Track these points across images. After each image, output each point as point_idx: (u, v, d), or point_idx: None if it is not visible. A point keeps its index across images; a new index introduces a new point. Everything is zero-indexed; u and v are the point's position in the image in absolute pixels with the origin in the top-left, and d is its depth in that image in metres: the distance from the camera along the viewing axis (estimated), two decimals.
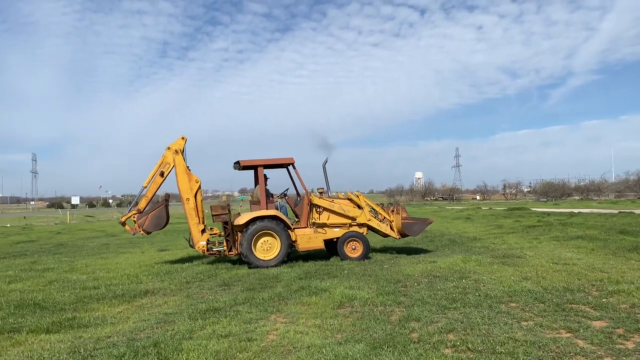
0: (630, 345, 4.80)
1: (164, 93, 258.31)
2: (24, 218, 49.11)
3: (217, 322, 6.05)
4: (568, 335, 5.14)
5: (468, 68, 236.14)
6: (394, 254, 12.16)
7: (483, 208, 45.58)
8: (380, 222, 12.05)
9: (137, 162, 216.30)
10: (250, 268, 10.46)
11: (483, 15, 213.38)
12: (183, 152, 11.48)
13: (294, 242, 11.07)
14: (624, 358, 4.48)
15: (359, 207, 11.77)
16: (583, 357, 4.52)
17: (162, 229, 12.03)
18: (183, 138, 11.58)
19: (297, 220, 11.68)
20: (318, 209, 11.47)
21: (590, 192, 78.79)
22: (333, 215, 11.53)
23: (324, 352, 4.78)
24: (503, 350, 4.69)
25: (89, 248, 16.92)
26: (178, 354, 4.84)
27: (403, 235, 12.20)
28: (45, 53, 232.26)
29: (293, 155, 11.40)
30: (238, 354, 4.85)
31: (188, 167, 11.43)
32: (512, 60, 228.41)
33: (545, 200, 71.98)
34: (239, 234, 10.93)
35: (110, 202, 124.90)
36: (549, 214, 28.54)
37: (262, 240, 10.80)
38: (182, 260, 12.15)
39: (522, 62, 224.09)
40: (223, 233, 11.28)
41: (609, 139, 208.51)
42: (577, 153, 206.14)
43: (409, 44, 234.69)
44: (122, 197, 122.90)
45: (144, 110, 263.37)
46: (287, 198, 12.27)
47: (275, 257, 10.72)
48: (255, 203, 11.35)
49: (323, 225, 11.43)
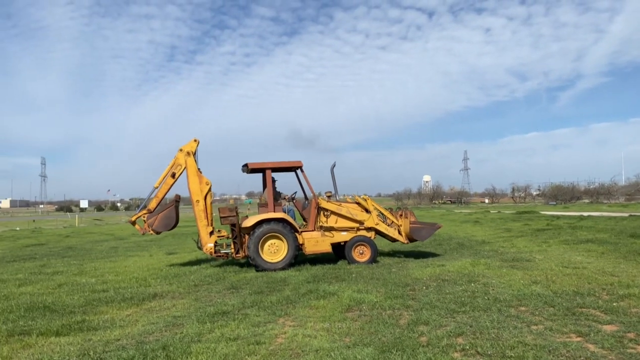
0: None
1: (172, 97, 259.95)
2: (34, 221, 49.53)
3: (225, 325, 6.06)
4: (578, 340, 5.11)
5: (476, 70, 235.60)
6: (402, 258, 12.13)
7: (492, 211, 45.35)
8: (389, 226, 12.01)
9: (145, 165, 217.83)
10: (258, 271, 10.48)
11: (491, 18, 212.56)
12: (195, 154, 11.56)
13: (302, 245, 11.08)
14: None
15: (367, 210, 11.74)
16: None
17: (171, 230, 12.09)
18: (195, 140, 11.66)
19: (304, 224, 11.69)
20: (326, 213, 11.47)
21: (600, 195, 78.13)
22: (341, 219, 11.52)
23: (333, 355, 4.78)
24: (513, 355, 4.66)
25: (98, 251, 17.01)
26: (187, 357, 4.86)
27: (411, 240, 12.15)
28: (55, 57, 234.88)
29: (301, 159, 11.45)
30: (247, 357, 4.86)
31: (199, 169, 11.50)
32: (520, 63, 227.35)
33: (555, 204, 71.51)
34: (247, 237, 10.96)
35: (119, 205, 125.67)
36: (559, 218, 28.35)
37: (269, 243, 10.82)
38: (190, 264, 12.19)
39: (530, 64, 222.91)
40: (231, 235, 11.32)
41: (619, 142, 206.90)
42: (586, 156, 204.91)
43: (417, 47, 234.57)
44: (130, 200, 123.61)
45: (152, 114, 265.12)
46: (295, 201, 12.28)
47: (283, 259, 10.73)
48: (263, 206, 11.38)
49: (331, 229, 11.42)
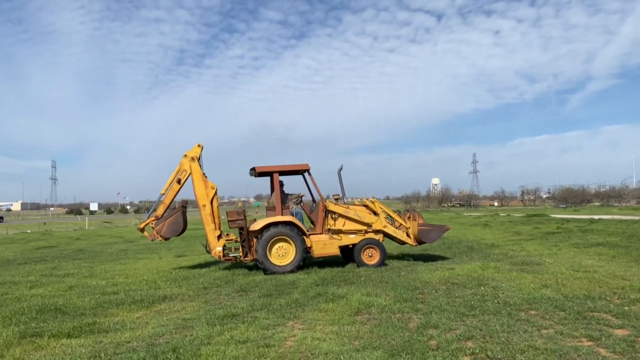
0: None
1: (181, 100, 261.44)
2: (44, 224, 50.01)
3: (235, 327, 6.08)
4: (589, 344, 5.07)
5: (485, 73, 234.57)
6: (411, 261, 12.09)
7: (501, 214, 45.12)
8: (397, 228, 11.99)
9: (154, 168, 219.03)
10: (266, 274, 10.50)
11: (500, 20, 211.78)
12: (199, 159, 11.60)
13: (309, 248, 11.08)
14: None
15: (375, 213, 11.73)
16: None
17: (179, 235, 12.15)
18: (199, 145, 11.71)
19: (312, 227, 11.70)
20: (333, 215, 11.47)
21: (611, 198, 77.45)
22: (348, 222, 11.52)
23: (342, 358, 4.79)
24: (523, 359, 4.63)
25: (108, 254, 17.14)
26: (197, 359, 4.88)
27: (419, 243, 12.13)
28: (65, 62, 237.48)
29: (309, 162, 11.47)
30: None
31: (204, 174, 11.55)
32: (530, 65, 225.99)
33: (565, 207, 70.98)
34: (255, 240, 10.98)
35: (128, 208, 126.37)
36: (569, 221, 28.14)
37: (277, 246, 10.83)
38: (199, 266, 12.24)
39: (540, 66, 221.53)
40: (239, 239, 11.36)
41: (630, 144, 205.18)
42: (596, 158, 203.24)
43: (425, 50, 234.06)
44: (139, 203, 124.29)
45: (162, 118, 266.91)
46: (302, 204, 12.29)
47: (291, 262, 10.73)
48: (271, 209, 11.41)
49: (338, 232, 11.42)
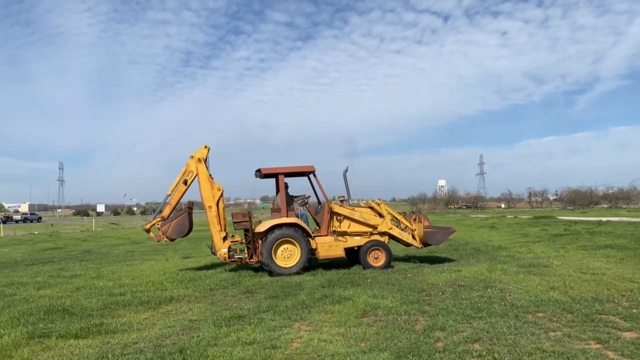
0: None
1: (188, 102, 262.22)
2: (51, 225, 50.29)
3: (241, 329, 6.10)
4: (597, 347, 5.03)
5: (492, 74, 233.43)
6: (417, 263, 12.07)
7: (508, 216, 44.91)
8: (402, 230, 11.97)
9: (161, 170, 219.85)
10: (272, 276, 10.50)
11: (508, 21, 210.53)
12: (206, 160, 11.63)
13: (315, 250, 11.08)
14: None
15: (380, 215, 11.72)
16: None
17: (185, 236, 12.18)
18: (206, 147, 11.74)
19: (317, 229, 11.69)
20: (339, 217, 11.46)
21: (619, 200, 76.94)
22: (354, 224, 11.50)
23: None
24: None
25: (115, 255, 17.21)
26: None
27: (425, 245, 12.09)
28: (72, 63, 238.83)
29: (314, 163, 11.48)
30: None
31: (210, 175, 11.58)
32: (537, 66, 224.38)
33: (572, 209, 70.56)
34: (260, 242, 10.99)
35: (135, 209, 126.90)
36: (576, 223, 27.98)
37: (282, 248, 10.84)
38: (205, 268, 12.27)
39: (547, 67, 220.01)
40: (244, 240, 11.37)
41: (638, 146, 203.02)
42: (604, 160, 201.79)
43: (432, 51, 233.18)
44: (146, 204, 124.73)
45: (168, 119, 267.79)
46: (308, 206, 12.29)
47: (296, 264, 10.73)
48: (276, 211, 11.41)
49: (344, 234, 11.41)
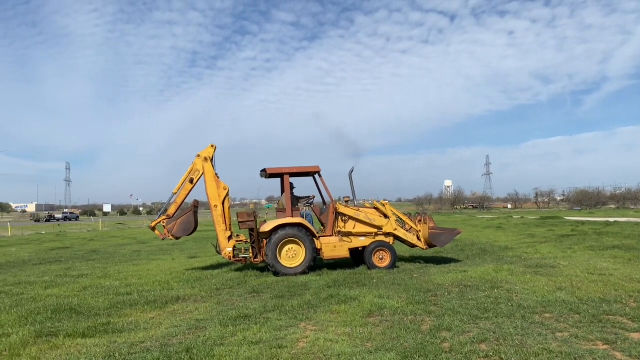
0: None
1: (194, 102, 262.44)
2: (58, 225, 50.60)
3: (247, 329, 6.11)
4: (605, 347, 5.00)
5: (499, 74, 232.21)
6: (423, 264, 12.04)
7: (515, 217, 44.73)
8: (407, 231, 11.94)
9: (167, 170, 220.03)
10: (277, 276, 10.51)
11: (515, 21, 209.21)
12: (212, 159, 11.64)
13: (319, 250, 11.08)
14: None
15: (385, 216, 11.69)
16: None
17: (190, 235, 12.22)
18: (212, 146, 11.76)
19: (322, 229, 11.69)
20: (344, 218, 11.45)
21: (627, 200, 76.47)
22: (359, 224, 11.48)
23: None
24: None
25: (121, 255, 17.29)
26: None
27: (430, 246, 12.06)
28: (79, 64, 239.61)
29: (320, 164, 11.46)
30: None
31: (217, 174, 11.60)
32: (544, 66, 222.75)
33: (580, 209, 70.18)
34: (265, 241, 11.01)
35: (141, 210, 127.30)
36: (584, 223, 27.83)
37: (287, 248, 10.84)
38: (211, 267, 12.30)
39: (554, 67, 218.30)
40: (249, 240, 11.39)
41: None
42: (612, 160, 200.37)
43: (438, 50, 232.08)
44: (152, 204, 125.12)
45: (174, 119, 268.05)
46: (313, 206, 12.29)
47: (301, 264, 10.74)
48: (281, 211, 11.42)
49: (349, 234, 11.39)
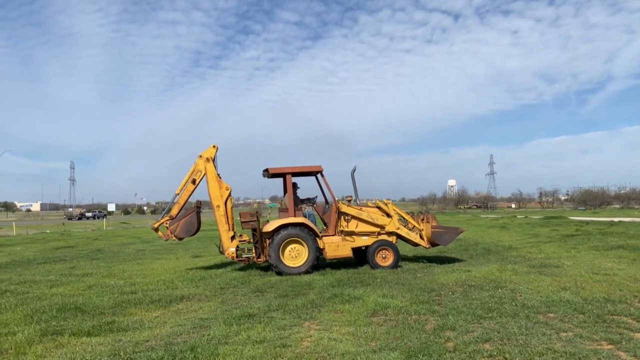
0: None
1: (197, 102, 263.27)
2: (63, 224, 50.82)
3: (251, 327, 6.13)
4: (610, 347, 4.99)
5: (503, 73, 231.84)
6: (427, 263, 12.03)
7: (519, 216, 44.63)
8: (410, 230, 11.94)
9: (171, 170, 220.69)
10: (281, 275, 10.52)
11: (519, 20, 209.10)
12: (214, 160, 11.65)
13: (322, 249, 11.09)
14: None
15: (388, 215, 11.69)
16: None
17: (193, 235, 12.24)
18: (214, 146, 11.77)
19: (325, 228, 11.70)
20: (346, 217, 11.45)
21: (632, 200, 76.27)
22: (361, 224, 11.48)
23: (359, 359, 4.79)
24: None
25: (125, 254, 17.33)
26: (214, 359, 4.93)
27: (433, 245, 12.05)
28: (83, 64, 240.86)
29: (323, 163, 11.47)
30: None
31: (219, 174, 11.60)
32: (548, 65, 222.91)
33: (584, 209, 69.96)
34: (267, 241, 11.02)
35: (145, 209, 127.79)
36: (588, 223, 27.74)
37: (289, 248, 10.85)
38: (215, 267, 12.33)
39: (559, 66, 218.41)
40: (252, 240, 11.40)
41: None
42: (616, 160, 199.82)
43: (442, 50, 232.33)
44: (156, 204, 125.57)
45: (178, 119, 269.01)
46: (315, 206, 12.30)
47: (303, 264, 10.74)
48: (284, 210, 11.43)
49: (351, 234, 11.39)
